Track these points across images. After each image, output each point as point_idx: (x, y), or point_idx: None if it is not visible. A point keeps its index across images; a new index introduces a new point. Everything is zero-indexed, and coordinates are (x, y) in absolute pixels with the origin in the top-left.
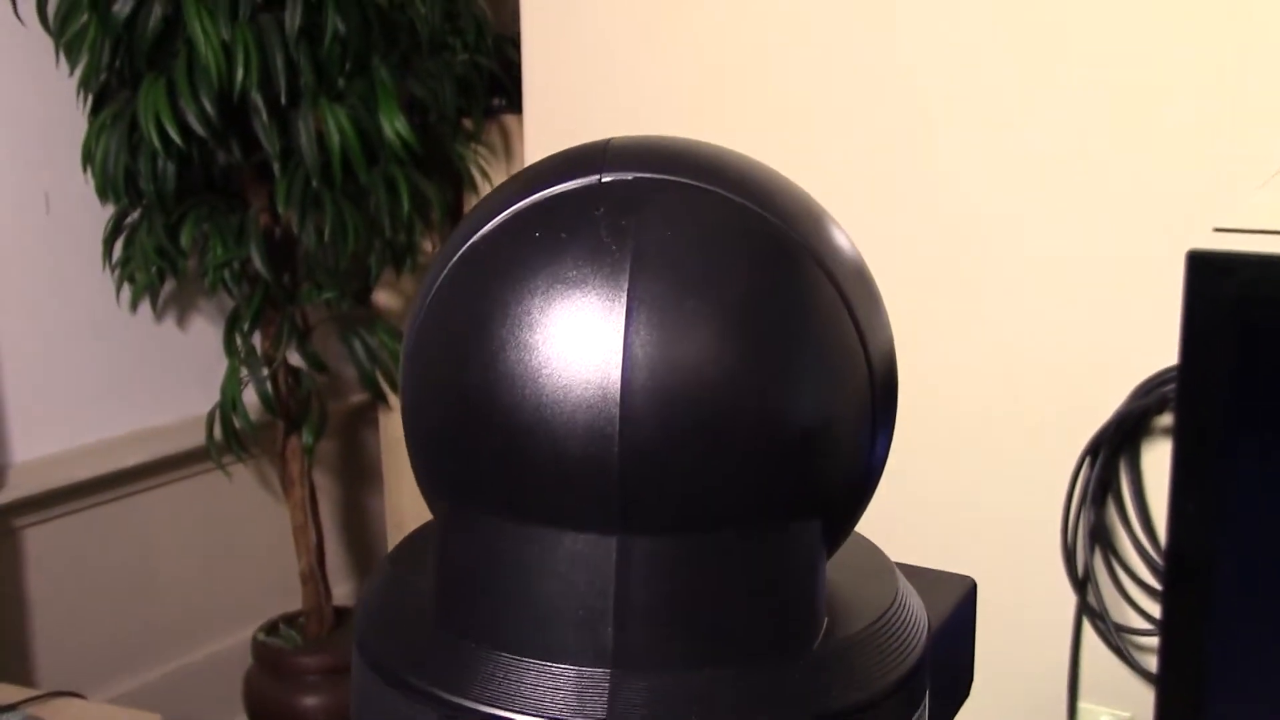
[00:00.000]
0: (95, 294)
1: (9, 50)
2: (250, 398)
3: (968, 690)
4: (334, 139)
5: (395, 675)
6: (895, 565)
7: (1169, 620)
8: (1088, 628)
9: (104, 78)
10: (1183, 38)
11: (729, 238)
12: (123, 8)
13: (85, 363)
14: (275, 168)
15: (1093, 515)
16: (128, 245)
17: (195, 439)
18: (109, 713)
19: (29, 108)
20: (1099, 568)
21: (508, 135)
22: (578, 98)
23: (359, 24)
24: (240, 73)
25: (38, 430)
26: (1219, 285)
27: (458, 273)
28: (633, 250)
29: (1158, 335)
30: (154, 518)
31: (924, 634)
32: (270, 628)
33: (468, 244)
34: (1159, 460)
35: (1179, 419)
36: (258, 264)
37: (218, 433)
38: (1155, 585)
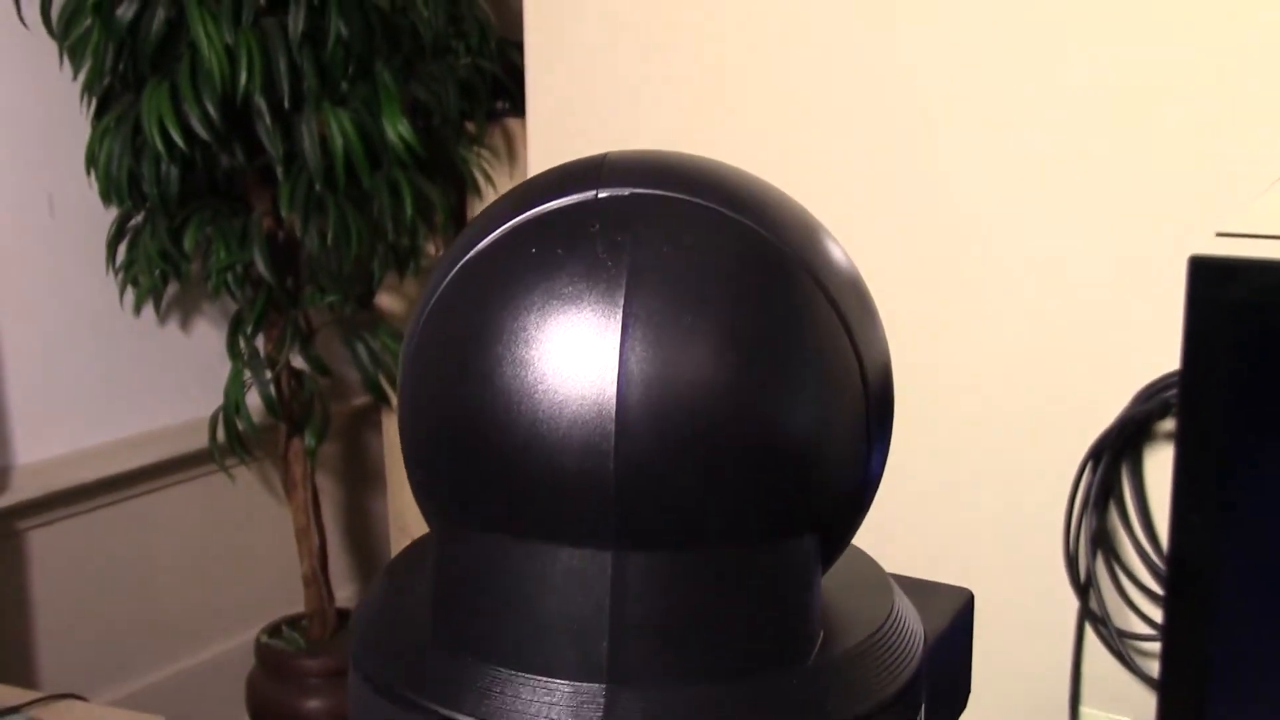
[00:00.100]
0: (99, 297)
1: (13, 53)
2: (253, 400)
3: (964, 703)
4: (337, 142)
5: (391, 688)
6: (891, 578)
7: (1171, 625)
8: (1090, 633)
9: (107, 81)
10: (1185, 41)
11: (724, 254)
12: (126, 11)
13: (88, 365)
14: (278, 171)
15: (1095, 520)
16: (131, 248)
17: (198, 441)
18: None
19: (33, 111)
20: (1101, 573)
21: (511, 138)
22: (580, 100)
23: (362, 28)
24: (243, 76)
25: (41, 432)
26: (1221, 290)
27: (454, 288)
28: (628, 266)
29: (1161, 339)
30: (157, 520)
31: (920, 648)
32: (273, 630)
33: (464, 259)
34: (1161, 465)
35: (1181, 424)
36: (261, 267)
37: (221, 435)
38: (1157, 590)
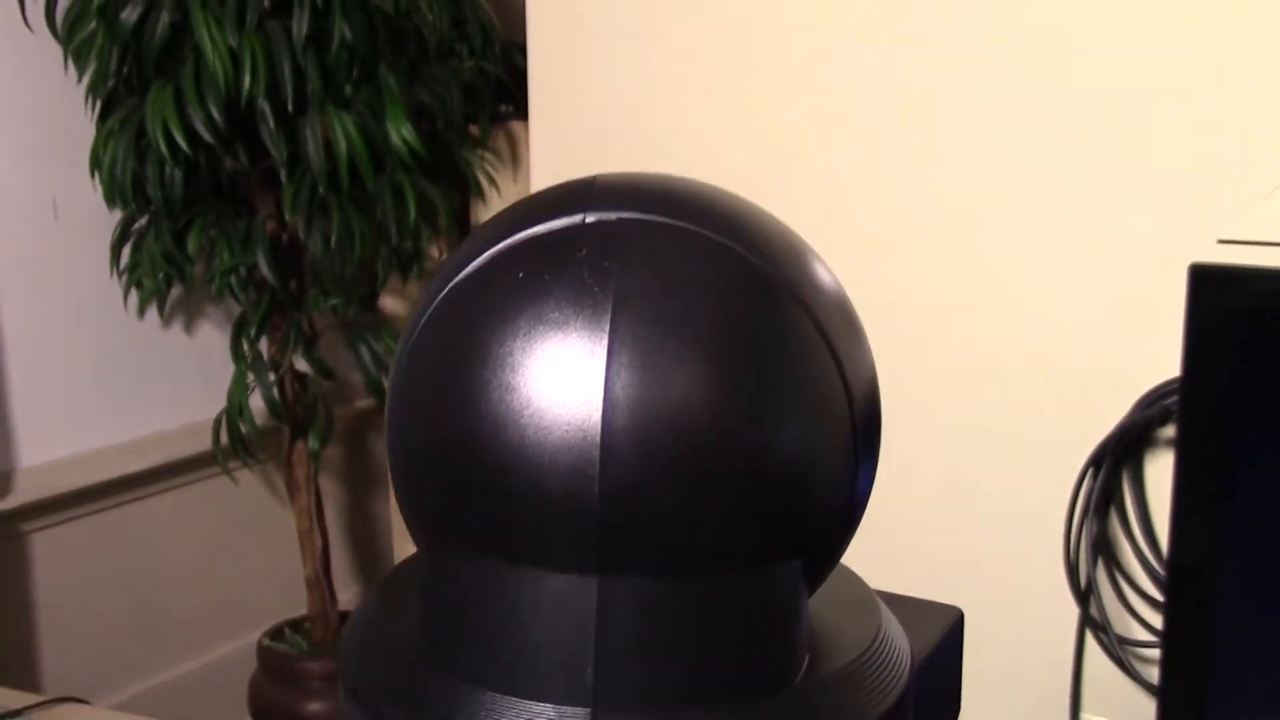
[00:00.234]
0: (103, 299)
1: (17, 57)
2: (257, 403)
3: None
4: (341, 146)
5: (379, 709)
6: (879, 598)
7: (1170, 632)
8: (1090, 639)
9: (112, 84)
10: (1186, 47)
11: (711, 279)
12: (130, 15)
13: (92, 367)
14: (282, 174)
15: (1095, 526)
16: (135, 251)
17: (202, 444)
18: (112, 718)
19: (37, 114)
20: (1101, 579)
21: (514, 141)
22: (583, 103)
23: (366, 31)
24: (247, 80)
25: (45, 435)
26: (1221, 298)
27: (442, 311)
28: (615, 292)
29: (1163, 346)
30: (160, 523)
31: (906, 669)
32: (275, 633)
33: (453, 282)
34: (1162, 471)
35: (1181, 431)
36: (264, 270)
37: (224, 438)
38: (1158, 597)
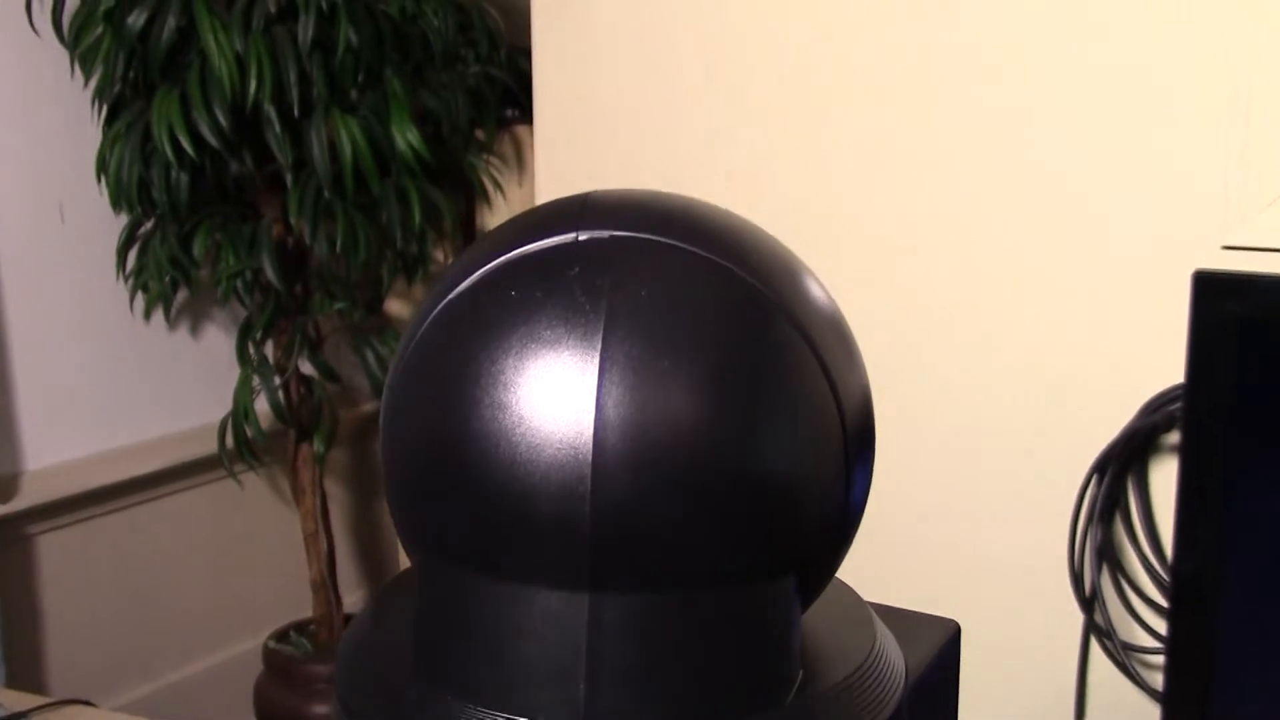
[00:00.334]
0: (109, 303)
1: (25, 61)
2: (262, 407)
3: None
4: (346, 150)
5: None
6: (874, 613)
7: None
8: (1095, 646)
9: (118, 89)
10: (1191, 57)
11: (702, 297)
12: (137, 20)
13: (98, 371)
14: (288, 178)
15: (1100, 533)
16: (141, 255)
17: (207, 447)
18: None
19: (44, 118)
20: (1106, 585)
21: (520, 146)
22: (588, 108)
23: (372, 36)
24: (253, 84)
25: (51, 438)
26: (1226, 304)
27: (436, 328)
28: (606, 310)
29: (1167, 352)
30: (166, 525)
31: (901, 685)
32: (281, 635)
33: (446, 300)
34: (1167, 478)
35: (1185, 438)
36: (270, 274)
37: (229, 441)
38: (1163, 603)
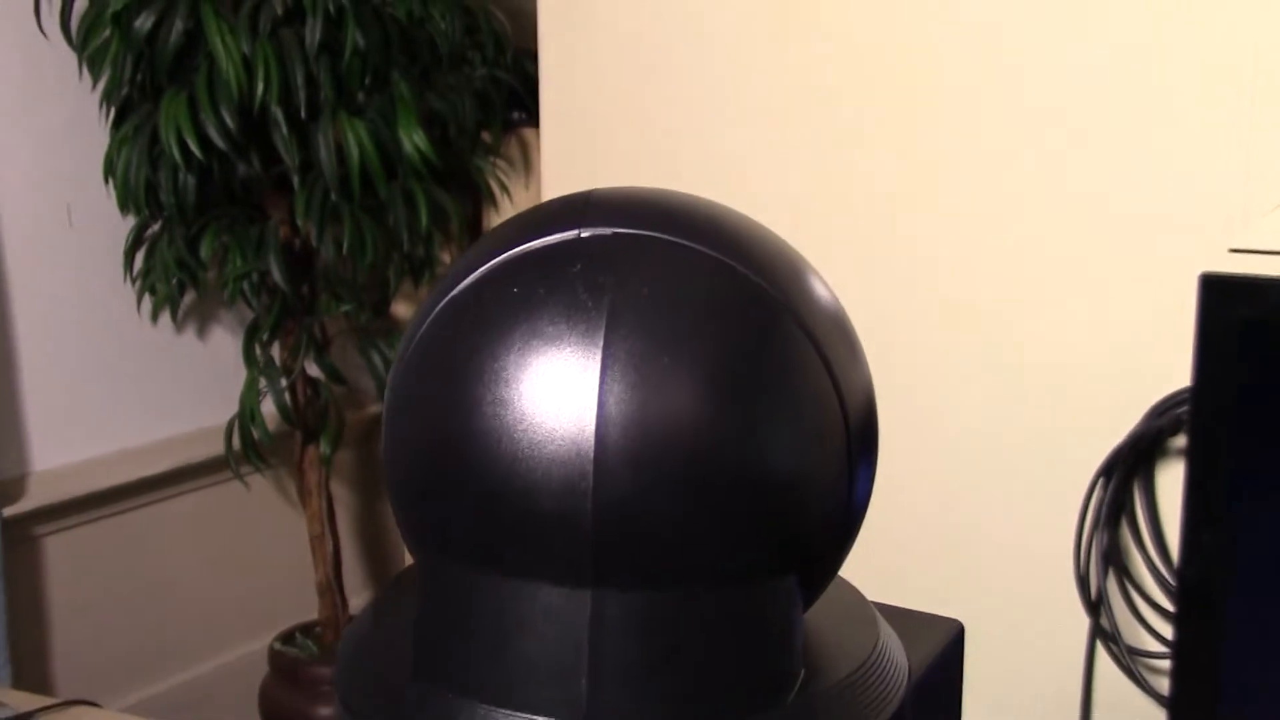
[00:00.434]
0: (116, 305)
1: (33, 63)
2: (269, 408)
3: None
4: (353, 152)
5: None
6: (877, 611)
7: (1181, 643)
8: (1101, 650)
9: (126, 91)
10: (1198, 59)
11: (705, 294)
12: (144, 22)
13: (106, 373)
14: (295, 181)
15: (1106, 537)
16: (148, 257)
17: (214, 449)
18: None
19: (52, 120)
20: (1112, 590)
21: (526, 148)
22: (594, 111)
23: (379, 39)
24: (260, 86)
25: (58, 439)
26: (1232, 307)
27: (438, 325)
28: (609, 307)
29: (1174, 355)
30: (172, 527)
31: (903, 684)
32: (287, 637)
33: (448, 297)
34: (1174, 481)
35: (1192, 442)
36: (277, 276)
37: (236, 443)
38: (1169, 607)
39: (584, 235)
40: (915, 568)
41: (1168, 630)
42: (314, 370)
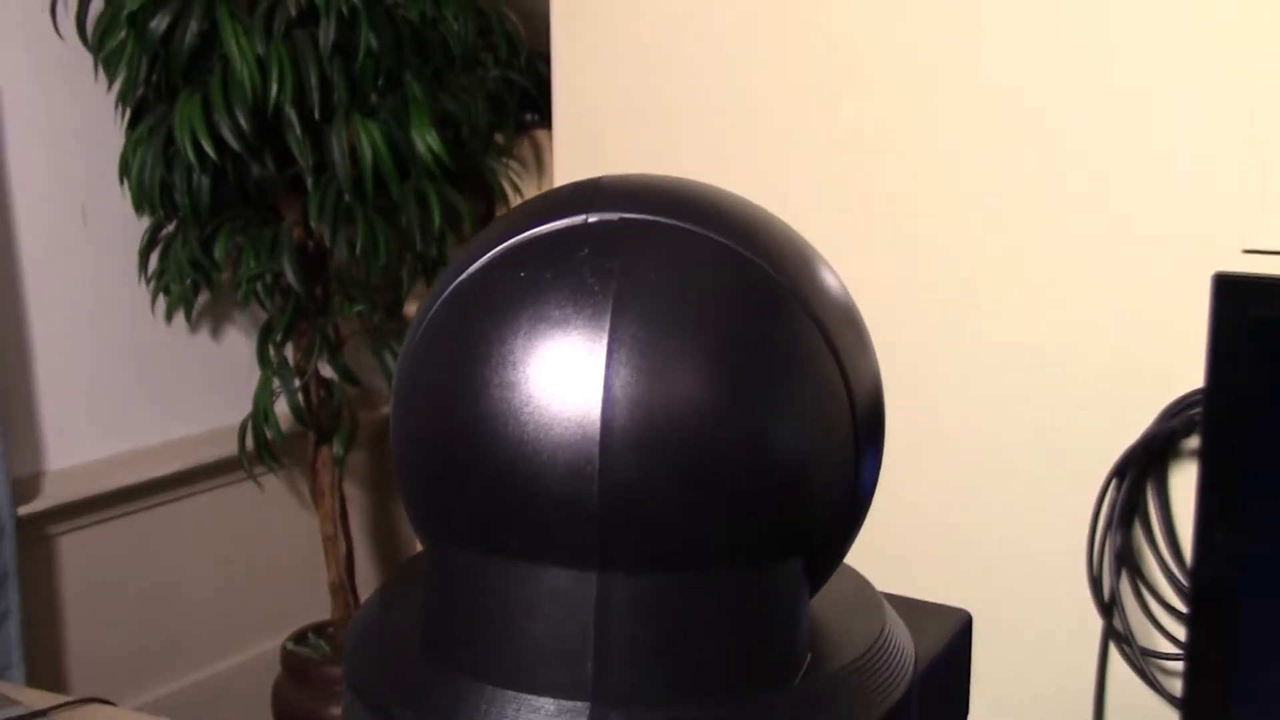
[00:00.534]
0: (131, 305)
1: (49, 64)
2: (282, 409)
3: None
4: (366, 153)
5: (381, 704)
6: (884, 599)
7: (1194, 645)
8: (1114, 652)
9: (141, 92)
10: (1213, 58)
11: (711, 279)
12: (160, 24)
13: (120, 373)
14: (308, 182)
15: (1119, 538)
16: (163, 257)
17: (227, 449)
18: None
19: (68, 121)
20: (1125, 591)
21: (539, 149)
22: (606, 112)
23: (392, 40)
24: (274, 88)
25: (72, 439)
26: (1246, 307)
27: (446, 309)
28: (615, 291)
29: (1187, 356)
30: (186, 527)
31: (910, 670)
32: (299, 637)
33: (456, 281)
34: (1187, 482)
35: (1205, 443)
36: (290, 277)
37: (249, 443)
38: (1183, 609)
39: (591, 220)
40: (927, 568)
41: (1180, 631)
42: (327, 371)
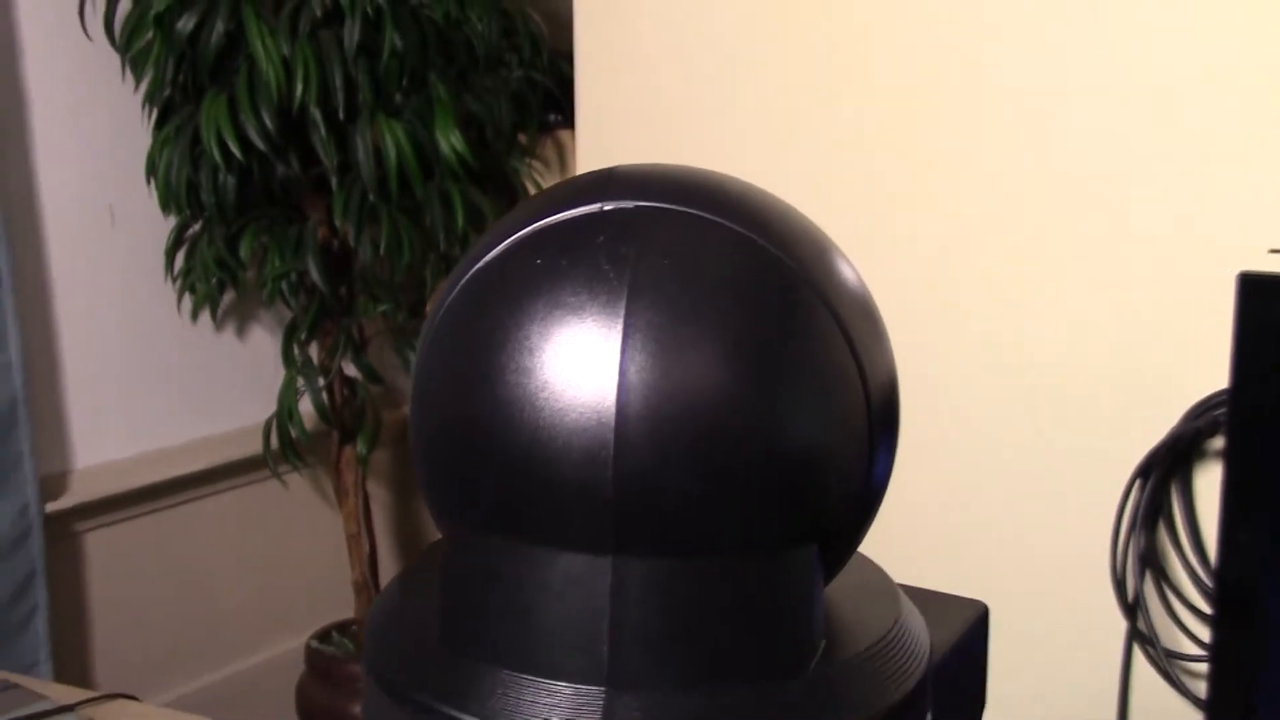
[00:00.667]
0: (157, 304)
1: (77, 65)
2: (306, 408)
3: (978, 716)
4: (390, 153)
5: (399, 689)
6: (900, 588)
7: (1219, 646)
8: (1137, 653)
9: (168, 92)
10: (1239, 57)
11: (726, 267)
12: (186, 24)
13: (146, 371)
14: (333, 181)
15: (1143, 539)
16: (189, 257)
17: (252, 448)
18: (163, 716)
19: (96, 121)
20: (1149, 592)
21: (562, 150)
22: (629, 112)
23: (416, 41)
24: (300, 88)
25: (100, 437)
26: (1271, 307)
27: (463, 296)
28: (630, 278)
29: (1213, 356)
30: (211, 524)
31: (924, 659)
32: (323, 635)
33: (474, 269)
34: (1211, 484)
35: (1230, 444)
36: (315, 276)
37: (274, 442)
38: (1207, 610)
39: (607, 208)
40: (948, 566)
41: (1205, 633)
42: (351, 370)
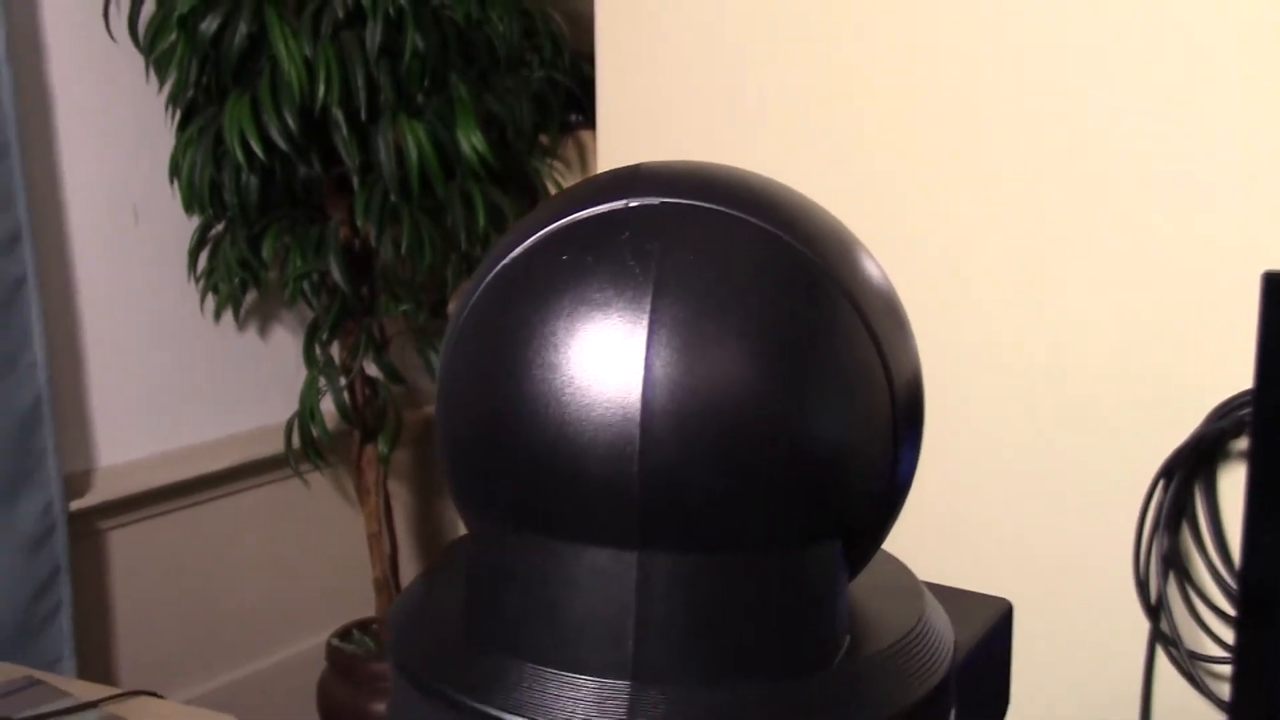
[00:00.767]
0: (180, 304)
1: (101, 66)
2: (328, 407)
3: (1003, 713)
4: (412, 154)
5: (425, 682)
6: (924, 586)
7: (1243, 648)
8: (1160, 655)
9: (191, 93)
10: (1263, 54)
11: (752, 263)
12: (210, 26)
13: (169, 371)
14: (355, 182)
15: (1166, 540)
16: (212, 256)
17: (274, 447)
18: (186, 713)
19: (120, 122)
20: (1173, 594)
21: (583, 150)
22: (650, 113)
23: (438, 41)
24: (322, 89)
25: (123, 436)
26: None
27: (489, 292)
28: (656, 274)
29: (1237, 356)
30: (233, 523)
31: (948, 656)
32: (344, 634)
33: (499, 266)
34: (1235, 484)
35: (1254, 444)
36: (336, 276)
37: (296, 441)
38: (1231, 612)
39: (632, 205)
40: (972, 567)
41: (1228, 635)
42: (373, 370)
